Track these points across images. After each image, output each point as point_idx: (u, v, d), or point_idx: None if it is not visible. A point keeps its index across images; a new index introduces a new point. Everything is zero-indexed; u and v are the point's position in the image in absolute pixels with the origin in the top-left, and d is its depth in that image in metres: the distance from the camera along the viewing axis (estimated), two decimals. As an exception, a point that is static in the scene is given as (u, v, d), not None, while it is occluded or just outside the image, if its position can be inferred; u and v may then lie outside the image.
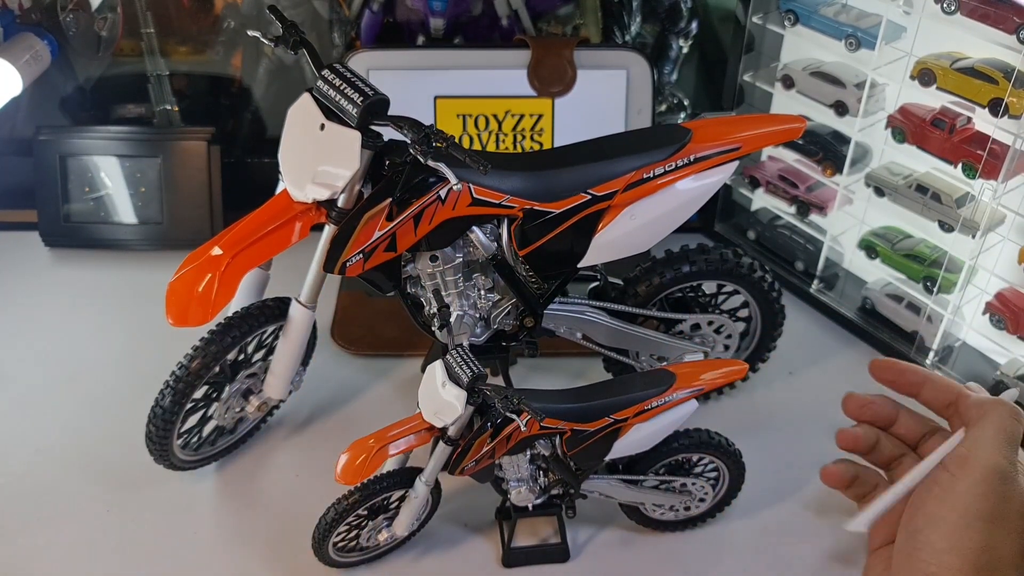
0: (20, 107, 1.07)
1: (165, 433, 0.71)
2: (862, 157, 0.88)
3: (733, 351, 0.80)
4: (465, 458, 0.61)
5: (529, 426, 0.60)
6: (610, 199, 0.63)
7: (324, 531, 0.65)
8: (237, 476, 0.78)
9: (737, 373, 0.65)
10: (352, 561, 0.70)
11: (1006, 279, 0.80)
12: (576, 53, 0.90)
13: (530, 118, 0.92)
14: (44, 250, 1.03)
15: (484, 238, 0.64)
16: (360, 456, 0.60)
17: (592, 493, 0.69)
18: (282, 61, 1.09)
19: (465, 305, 0.69)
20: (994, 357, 0.84)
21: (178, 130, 1.05)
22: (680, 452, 0.68)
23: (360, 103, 0.54)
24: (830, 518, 0.74)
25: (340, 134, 0.56)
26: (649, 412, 0.62)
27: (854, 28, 0.82)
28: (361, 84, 0.55)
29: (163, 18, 1.06)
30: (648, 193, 0.63)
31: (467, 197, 0.61)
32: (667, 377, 0.63)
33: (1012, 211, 0.77)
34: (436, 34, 1.00)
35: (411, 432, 0.61)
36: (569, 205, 0.63)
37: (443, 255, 0.64)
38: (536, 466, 0.66)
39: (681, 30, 1.06)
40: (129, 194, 1.03)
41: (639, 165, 0.62)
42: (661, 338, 0.77)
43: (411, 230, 0.61)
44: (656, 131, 0.66)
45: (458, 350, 0.58)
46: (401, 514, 0.67)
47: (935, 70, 0.77)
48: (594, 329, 0.75)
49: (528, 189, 0.62)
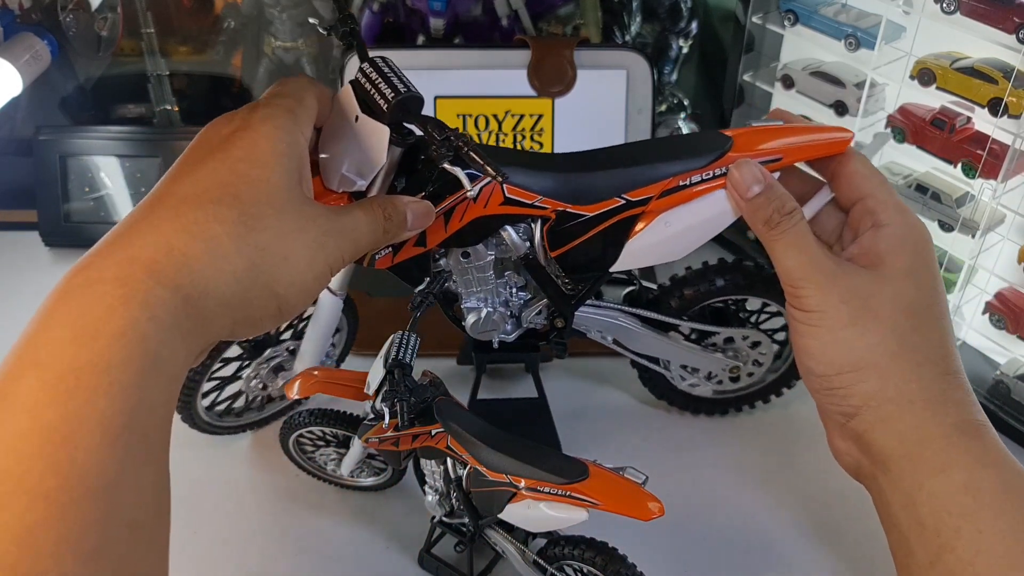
0: (20, 107, 1.07)
1: (189, 391, 0.74)
2: (862, 157, 0.88)
3: (764, 370, 0.79)
4: (372, 429, 0.65)
5: (437, 439, 0.62)
6: (644, 205, 0.61)
7: (286, 428, 0.73)
8: (237, 475, 0.78)
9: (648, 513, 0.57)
10: (298, 461, 0.76)
11: (1006, 279, 0.80)
12: (576, 53, 0.90)
13: (530, 118, 0.92)
14: (44, 250, 1.03)
15: (516, 237, 0.63)
16: (300, 379, 0.68)
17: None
18: (282, 61, 1.09)
19: (496, 303, 0.68)
20: (994, 357, 0.84)
21: (178, 130, 1.05)
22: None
23: (391, 99, 0.54)
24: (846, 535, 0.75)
25: (371, 128, 0.56)
26: (542, 495, 0.58)
27: (854, 28, 0.83)
28: (397, 80, 0.55)
29: (163, 18, 1.06)
30: (684, 201, 0.61)
31: (499, 196, 0.60)
32: (578, 471, 0.57)
33: (1012, 211, 0.78)
34: (436, 34, 1.00)
35: (351, 384, 0.67)
36: (602, 209, 0.61)
37: (475, 252, 0.64)
38: (449, 484, 0.66)
39: (681, 30, 1.06)
40: (129, 194, 1.03)
41: (675, 172, 0.60)
42: (692, 349, 0.76)
43: (441, 226, 0.60)
44: (695, 138, 0.64)
45: (408, 335, 0.61)
46: (345, 458, 0.73)
47: (935, 70, 0.77)
48: (625, 335, 0.74)
49: (561, 191, 0.61)
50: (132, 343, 0.35)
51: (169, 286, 0.38)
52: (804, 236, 0.54)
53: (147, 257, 0.38)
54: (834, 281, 0.52)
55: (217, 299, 0.40)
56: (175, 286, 0.38)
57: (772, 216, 0.54)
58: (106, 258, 0.38)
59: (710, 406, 0.82)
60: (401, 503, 0.76)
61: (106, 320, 0.35)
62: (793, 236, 0.53)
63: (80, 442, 0.33)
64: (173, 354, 0.37)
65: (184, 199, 0.41)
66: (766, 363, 0.79)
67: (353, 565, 0.71)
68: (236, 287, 0.41)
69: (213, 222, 0.40)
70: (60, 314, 0.36)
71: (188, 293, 0.39)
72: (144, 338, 0.36)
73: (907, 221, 0.54)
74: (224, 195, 0.42)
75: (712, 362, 0.77)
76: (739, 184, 0.57)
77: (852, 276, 0.53)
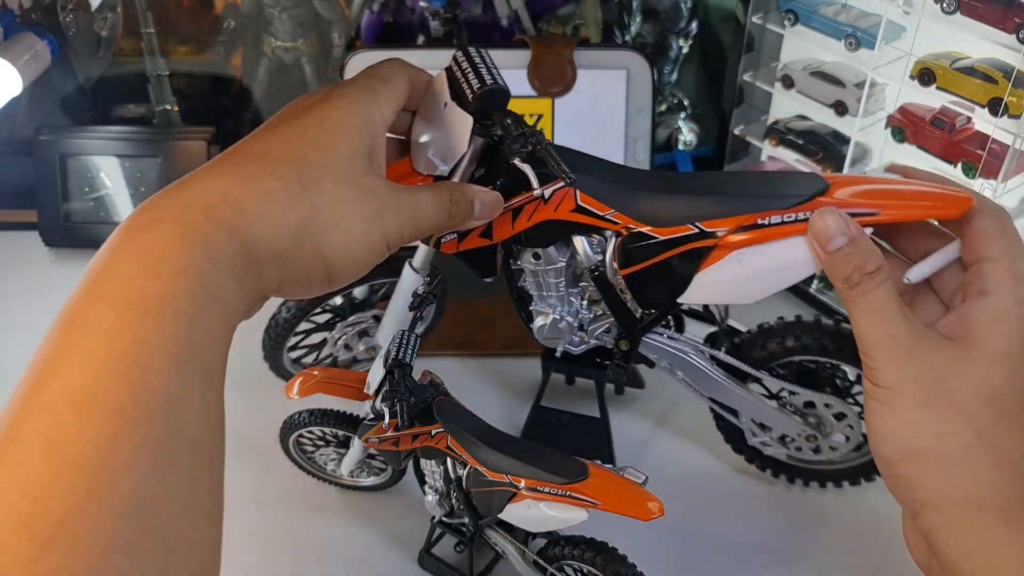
0: (20, 107, 1.07)
1: (277, 343, 0.79)
2: (862, 157, 0.88)
3: (851, 447, 0.72)
4: (372, 429, 0.65)
5: (437, 439, 0.62)
6: (717, 237, 0.57)
7: (286, 428, 0.73)
8: (245, 473, 0.78)
9: None
10: (298, 462, 0.76)
11: (1006, 279, 0.80)
12: (576, 53, 0.90)
13: (530, 118, 0.92)
14: (44, 250, 1.03)
15: (588, 248, 0.62)
16: (300, 379, 0.69)
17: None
18: (282, 61, 1.09)
19: (565, 311, 0.67)
20: (994, 357, 0.84)
21: (178, 130, 1.05)
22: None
23: (476, 89, 0.54)
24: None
25: (457, 115, 0.56)
26: (542, 495, 0.58)
27: (854, 28, 0.83)
28: (485, 72, 0.55)
29: (163, 18, 1.06)
30: (761, 240, 0.56)
31: (571, 202, 0.59)
32: (578, 471, 0.57)
33: (1012, 211, 0.78)
34: (436, 34, 1.00)
35: (351, 384, 0.67)
36: (674, 234, 0.58)
37: (546, 255, 0.63)
38: (449, 484, 0.66)
39: (681, 30, 1.06)
40: (129, 194, 1.03)
41: (755, 208, 0.55)
42: (765, 404, 0.70)
43: (509, 222, 0.59)
44: (787, 176, 0.59)
45: (408, 335, 0.61)
46: (345, 459, 0.73)
47: (935, 70, 0.77)
48: (695, 374, 0.69)
49: (635, 207, 0.58)
50: (192, 279, 0.37)
51: (226, 229, 0.40)
52: (885, 300, 0.47)
53: (204, 202, 0.40)
54: (910, 354, 0.46)
55: (268, 249, 0.41)
56: (231, 229, 0.40)
57: (853, 274, 0.48)
58: (167, 200, 0.40)
59: (779, 468, 0.75)
60: (401, 503, 0.76)
61: (168, 256, 0.37)
62: (874, 299, 0.47)
63: (150, 364, 0.35)
64: (228, 295, 0.39)
65: (248, 155, 0.44)
66: (852, 440, 0.71)
67: (353, 565, 0.71)
68: (288, 240, 0.42)
69: (271, 177, 0.42)
70: (125, 250, 0.38)
71: (243, 238, 0.40)
72: (202, 274, 0.38)
73: (1018, 294, 0.46)
74: (288, 156, 0.44)
75: (785, 424, 0.70)
76: (820, 234, 0.50)
77: (934, 351, 0.46)
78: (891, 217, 0.52)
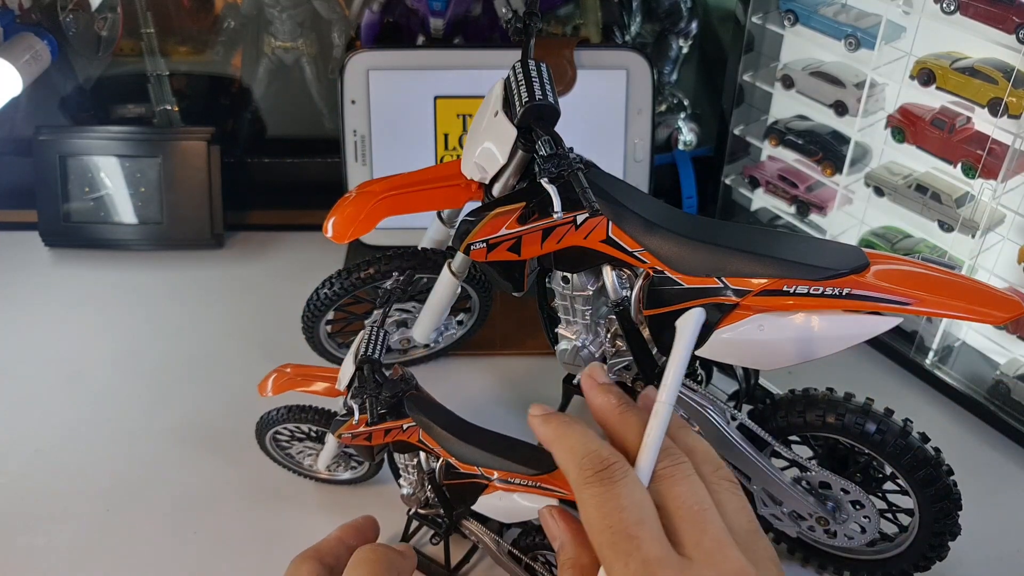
0: (20, 107, 1.08)
1: (314, 320, 0.81)
2: (862, 157, 0.88)
3: (865, 539, 0.66)
4: (344, 425, 0.65)
5: (409, 433, 0.61)
6: (740, 296, 0.54)
7: (262, 425, 0.74)
8: (242, 476, 0.78)
9: None
10: (276, 458, 0.77)
11: (1006, 279, 0.80)
12: (576, 53, 0.90)
13: (530, 118, 0.92)
14: (44, 250, 1.03)
15: (615, 280, 0.61)
16: (274, 376, 0.70)
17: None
18: (282, 61, 1.09)
19: (588, 340, 0.66)
20: (994, 357, 0.84)
21: (178, 130, 1.05)
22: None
23: (524, 103, 0.55)
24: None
25: (503, 126, 0.57)
26: (514, 487, 0.57)
27: (854, 28, 0.82)
28: (537, 87, 0.55)
29: (163, 18, 1.06)
30: (785, 308, 0.54)
31: (601, 233, 0.57)
32: (548, 463, 0.55)
33: (1012, 211, 0.77)
34: (436, 34, 1.00)
35: (326, 380, 0.69)
36: (698, 284, 0.55)
37: (574, 280, 0.62)
38: (423, 477, 0.66)
39: (681, 30, 1.06)
40: (129, 194, 1.03)
41: (783, 274, 0.53)
42: (777, 476, 0.65)
43: (538, 241, 0.59)
44: (828, 245, 0.56)
45: (378, 331, 0.62)
46: (320, 454, 0.73)
47: (935, 70, 0.77)
48: (710, 431, 0.66)
49: (664, 249, 0.56)
50: None
51: None
52: None
53: None
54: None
55: None
56: None
57: None
58: None
59: (794, 544, 0.70)
60: (378, 496, 0.76)
61: None
62: None
63: None
64: None
65: None
66: (868, 533, 0.65)
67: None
68: None
69: None
70: None
71: None
72: None
73: None
74: None
75: (795, 500, 0.65)
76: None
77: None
78: (926, 311, 0.50)
